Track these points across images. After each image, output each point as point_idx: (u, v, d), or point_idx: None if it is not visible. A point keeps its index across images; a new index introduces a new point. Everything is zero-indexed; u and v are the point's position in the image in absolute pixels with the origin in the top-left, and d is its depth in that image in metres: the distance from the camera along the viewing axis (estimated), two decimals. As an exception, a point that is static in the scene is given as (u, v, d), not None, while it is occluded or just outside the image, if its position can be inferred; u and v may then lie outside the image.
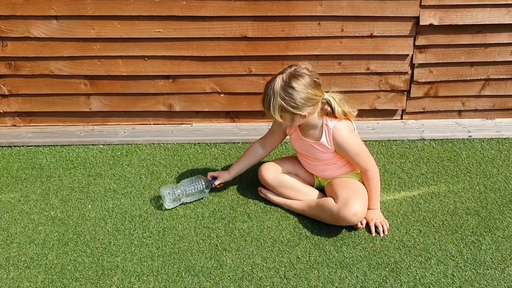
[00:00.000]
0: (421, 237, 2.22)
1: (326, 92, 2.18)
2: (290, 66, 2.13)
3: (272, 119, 2.18)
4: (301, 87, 2.06)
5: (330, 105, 2.17)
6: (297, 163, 2.44)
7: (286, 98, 2.06)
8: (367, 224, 2.26)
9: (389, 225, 2.26)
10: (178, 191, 2.37)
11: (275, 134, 2.40)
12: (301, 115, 2.11)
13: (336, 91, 2.21)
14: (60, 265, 2.12)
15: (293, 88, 2.05)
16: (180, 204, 2.40)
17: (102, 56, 2.78)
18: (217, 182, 2.42)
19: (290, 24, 2.70)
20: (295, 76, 2.07)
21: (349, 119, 2.24)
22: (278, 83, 2.07)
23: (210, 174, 2.46)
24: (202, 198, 2.44)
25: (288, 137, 2.39)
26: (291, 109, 2.08)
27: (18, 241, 2.24)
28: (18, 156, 2.80)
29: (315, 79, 2.11)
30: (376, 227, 2.24)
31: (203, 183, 2.41)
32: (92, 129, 2.98)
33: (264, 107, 2.14)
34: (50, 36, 2.71)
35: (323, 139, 2.22)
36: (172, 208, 2.39)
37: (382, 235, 2.22)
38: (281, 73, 2.11)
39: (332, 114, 2.18)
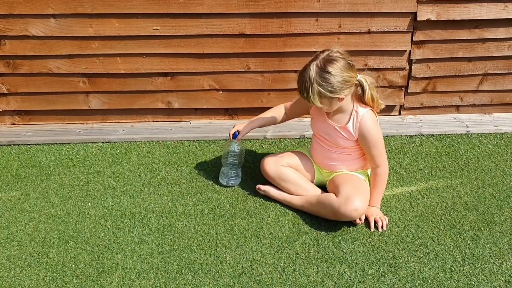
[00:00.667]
0: (419, 232, 2.23)
1: (359, 73, 2.20)
2: (322, 52, 2.16)
3: (312, 105, 2.19)
4: (336, 71, 2.09)
5: (362, 87, 2.19)
6: (299, 158, 2.45)
7: (323, 83, 2.08)
8: (366, 219, 2.27)
9: (388, 221, 2.27)
10: (223, 169, 2.50)
11: (299, 104, 2.44)
12: (339, 98, 2.14)
13: (368, 74, 2.24)
14: (61, 263, 2.14)
15: (329, 72, 2.08)
16: (237, 175, 2.51)
17: (100, 54, 2.78)
18: (239, 137, 2.47)
19: (287, 20, 2.71)
20: (329, 60, 2.10)
21: (374, 111, 2.26)
22: (313, 70, 2.10)
23: (231, 131, 2.49)
24: (243, 155, 2.51)
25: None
26: (329, 94, 2.10)
27: (19, 239, 2.26)
28: (18, 155, 2.80)
29: (349, 61, 2.14)
30: (375, 222, 2.25)
31: (234, 147, 2.46)
32: (91, 127, 2.99)
33: (303, 96, 2.16)
34: (48, 35, 2.71)
35: (350, 124, 2.23)
36: (235, 184, 2.51)
37: (380, 230, 2.24)
38: (314, 59, 2.13)
39: (362, 97, 2.21)
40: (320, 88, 2.09)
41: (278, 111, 2.50)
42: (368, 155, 2.28)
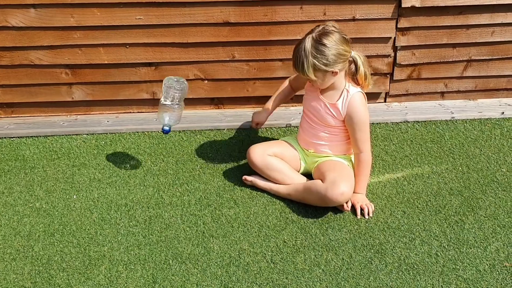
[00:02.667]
0: (405, 218, 2.25)
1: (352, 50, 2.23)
2: (318, 26, 2.19)
3: (306, 78, 2.21)
4: (332, 43, 2.12)
5: (356, 64, 2.22)
6: (285, 147, 2.45)
7: (318, 55, 2.11)
8: (353, 206, 2.28)
9: (374, 208, 2.29)
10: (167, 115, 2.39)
11: (299, 80, 2.48)
12: (333, 72, 2.15)
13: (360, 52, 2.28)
14: (47, 256, 2.12)
15: (324, 45, 2.11)
16: (175, 122, 2.43)
17: (82, 44, 2.74)
18: (258, 126, 2.60)
19: (272, 8, 2.69)
20: (324, 33, 2.14)
21: (364, 95, 2.29)
22: (309, 42, 2.13)
23: (253, 122, 2.60)
24: (184, 87, 2.39)
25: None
26: (323, 67, 2.13)
27: (3, 233, 2.23)
28: (1, 148, 2.76)
29: (344, 36, 2.18)
30: (361, 209, 2.26)
31: (170, 86, 2.36)
32: (75, 118, 2.96)
33: (297, 69, 2.18)
34: (29, 25, 2.66)
35: (339, 102, 2.25)
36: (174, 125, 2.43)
37: (367, 217, 2.25)
38: (310, 33, 2.17)
39: (355, 74, 2.24)
40: (315, 61, 2.11)
41: (285, 88, 2.57)
42: (352, 138, 2.29)
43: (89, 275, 2.03)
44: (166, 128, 2.40)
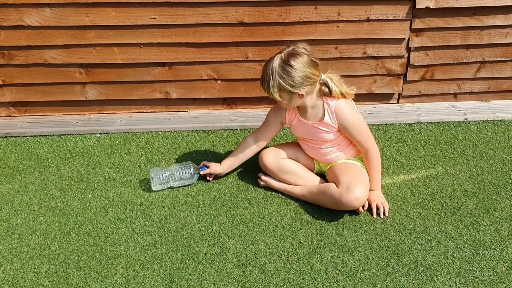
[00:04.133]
0: (421, 220, 2.25)
1: (323, 73, 2.20)
2: (288, 46, 2.16)
3: (272, 97, 2.18)
4: (299, 65, 2.09)
5: (328, 86, 2.19)
6: (297, 148, 2.45)
7: (285, 76, 2.09)
8: (369, 205, 2.28)
9: (389, 208, 2.29)
10: (166, 174, 2.39)
11: (269, 127, 2.40)
12: (299, 94, 2.14)
13: (333, 73, 2.23)
14: (63, 255, 2.12)
15: (291, 66, 2.08)
16: (168, 188, 2.42)
17: (97, 44, 2.75)
18: (206, 171, 2.42)
19: (286, 9, 2.69)
20: (293, 54, 2.11)
21: (347, 98, 2.26)
22: (277, 62, 2.11)
23: (203, 162, 2.46)
24: (190, 185, 2.44)
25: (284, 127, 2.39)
26: (289, 88, 2.10)
27: (20, 232, 2.24)
28: (15, 147, 2.77)
29: (313, 58, 2.15)
30: (377, 208, 2.26)
31: (191, 170, 2.42)
32: (89, 118, 2.96)
33: (263, 87, 2.16)
34: (44, 25, 2.67)
35: (327, 117, 2.23)
36: (159, 190, 2.40)
37: (382, 216, 2.25)
38: (279, 52, 2.14)
39: (329, 94, 2.21)
40: (281, 81, 2.09)
41: (244, 146, 2.42)
42: (354, 141, 2.29)
43: (106, 274, 2.04)
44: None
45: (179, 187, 2.43)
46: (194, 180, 2.44)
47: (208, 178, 2.46)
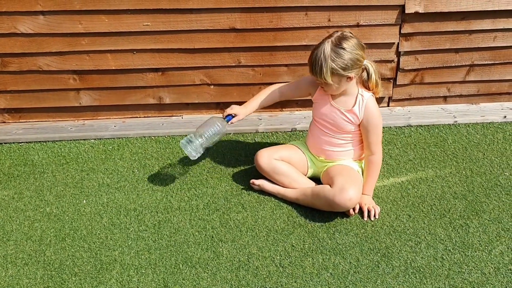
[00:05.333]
0: (410, 222, 2.28)
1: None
2: (336, 31, 2.23)
3: (323, 82, 2.21)
4: (350, 48, 2.17)
5: (368, 72, 2.28)
6: (292, 151, 2.48)
7: (337, 59, 2.16)
8: (360, 209, 2.32)
9: (380, 211, 2.32)
10: (199, 140, 2.34)
11: (299, 88, 2.49)
12: (348, 77, 2.20)
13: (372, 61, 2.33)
14: (59, 261, 2.15)
15: (344, 48, 2.16)
16: (204, 150, 2.39)
17: (90, 50, 2.78)
18: (235, 120, 2.42)
19: (277, 15, 2.72)
20: (343, 38, 2.19)
21: (376, 95, 2.35)
22: (328, 46, 2.17)
23: (226, 111, 2.43)
24: (222, 137, 2.42)
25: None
26: (340, 71, 2.17)
27: (15, 238, 2.26)
28: (10, 153, 2.79)
29: (360, 42, 2.23)
30: (368, 211, 2.30)
31: (219, 125, 2.37)
32: (83, 123, 2.99)
33: (314, 72, 2.21)
34: (37, 32, 2.69)
35: (356, 107, 2.30)
36: (198, 157, 2.37)
37: (373, 219, 2.29)
38: (328, 38, 2.21)
39: (367, 81, 2.30)
40: (333, 64, 2.16)
41: (269, 92, 2.50)
42: (366, 141, 2.34)
43: (101, 279, 2.07)
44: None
45: (214, 145, 2.43)
46: (225, 131, 2.39)
47: (231, 122, 2.42)
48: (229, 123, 2.41)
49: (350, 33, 2.22)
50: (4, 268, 2.12)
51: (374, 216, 2.29)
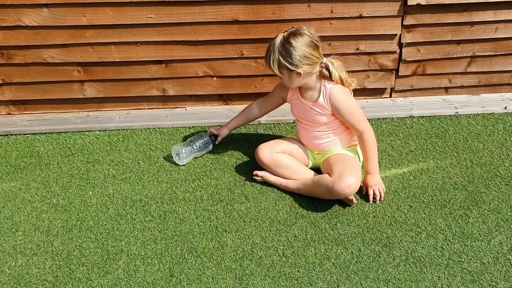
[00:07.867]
0: (411, 213, 2.32)
1: (326, 57, 2.29)
2: (293, 27, 2.26)
3: (273, 73, 2.29)
4: (298, 44, 2.19)
5: (328, 69, 2.29)
6: (292, 143, 2.52)
7: (284, 53, 2.20)
8: (367, 191, 2.36)
9: (383, 199, 2.36)
10: (187, 148, 2.60)
11: (273, 98, 2.58)
12: (297, 73, 2.23)
13: (336, 59, 2.33)
14: (66, 251, 2.19)
15: (290, 44, 2.19)
16: (193, 158, 2.64)
17: (94, 43, 2.80)
18: (219, 139, 2.66)
19: (280, 6, 2.74)
20: (294, 34, 2.22)
21: (346, 87, 2.35)
22: (279, 39, 2.23)
23: (209, 131, 2.70)
24: (208, 152, 2.70)
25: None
26: (288, 65, 2.21)
27: (23, 229, 2.31)
28: (15, 145, 2.83)
29: (314, 41, 2.24)
30: (374, 194, 2.34)
31: (207, 138, 2.67)
32: (87, 115, 3.02)
33: (266, 62, 2.29)
34: (42, 24, 2.71)
35: (321, 99, 2.33)
36: (185, 164, 2.62)
37: (378, 202, 2.33)
38: (284, 31, 2.24)
39: (329, 78, 2.31)
40: (280, 57, 2.21)
41: (248, 110, 2.66)
42: (348, 124, 2.37)
43: (108, 269, 2.11)
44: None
45: (201, 156, 2.67)
46: (211, 147, 2.69)
47: (216, 142, 2.68)
48: (216, 142, 2.68)
49: (308, 30, 2.23)
50: (14, 258, 2.17)
51: (380, 199, 2.33)
